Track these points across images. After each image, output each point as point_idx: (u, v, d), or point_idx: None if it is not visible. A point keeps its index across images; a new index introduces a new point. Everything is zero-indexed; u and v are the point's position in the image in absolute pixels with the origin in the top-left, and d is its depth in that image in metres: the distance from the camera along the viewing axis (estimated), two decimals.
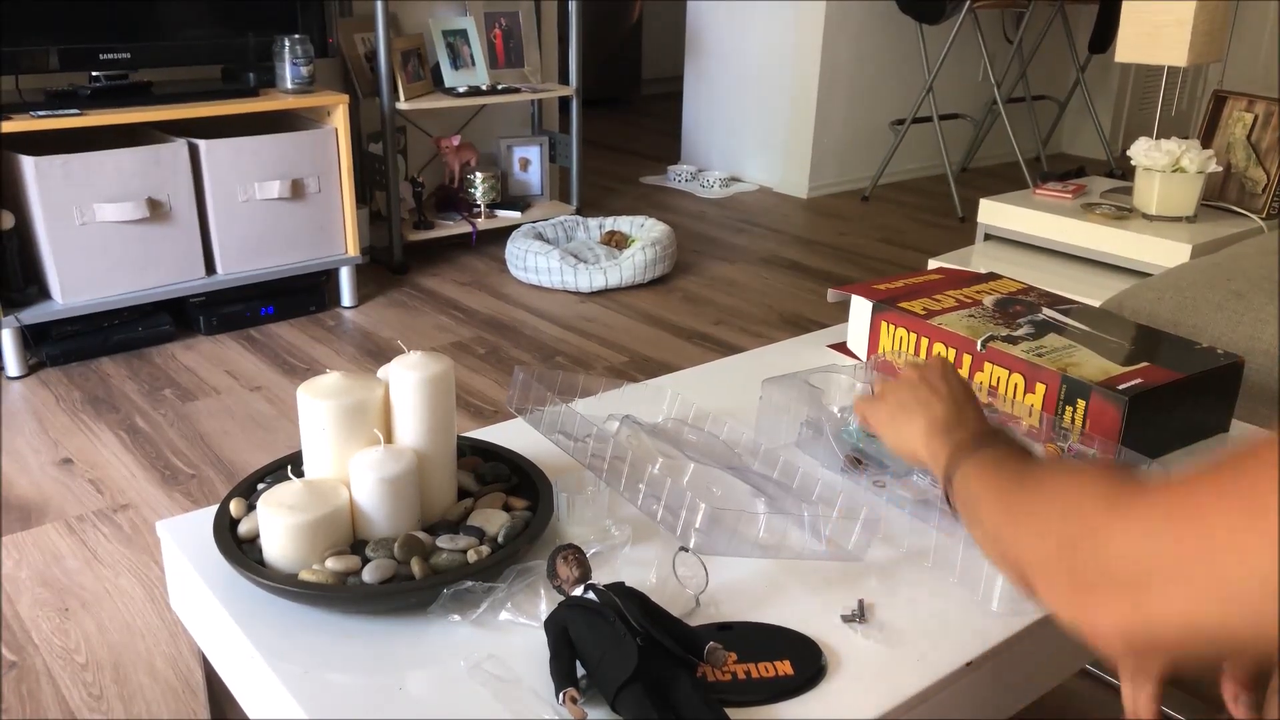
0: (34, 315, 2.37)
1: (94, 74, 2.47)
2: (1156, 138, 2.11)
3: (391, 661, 0.71)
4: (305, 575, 0.74)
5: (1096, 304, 1.45)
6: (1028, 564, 0.58)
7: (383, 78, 2.99)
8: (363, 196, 3.19)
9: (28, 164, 2.28)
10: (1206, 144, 2.20)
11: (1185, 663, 0.73)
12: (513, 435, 0.98)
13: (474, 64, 3.31)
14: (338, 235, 2.79)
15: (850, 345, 1.26)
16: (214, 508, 0.83)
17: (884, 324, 1.18)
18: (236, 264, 2.64)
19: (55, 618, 1.57)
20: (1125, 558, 0.51)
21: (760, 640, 0.72)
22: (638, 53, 6.41)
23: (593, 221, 3.33)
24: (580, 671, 0.67)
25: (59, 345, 2.46)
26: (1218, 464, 0.48)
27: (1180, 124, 4.78)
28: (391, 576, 0.75)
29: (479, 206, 3.39)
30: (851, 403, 1.02)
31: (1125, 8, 2.20)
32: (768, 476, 0.90)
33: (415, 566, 0.75)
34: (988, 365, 1.10)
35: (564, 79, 3.59)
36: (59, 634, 1.53)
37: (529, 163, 3.60)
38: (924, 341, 1.15)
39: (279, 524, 0.75)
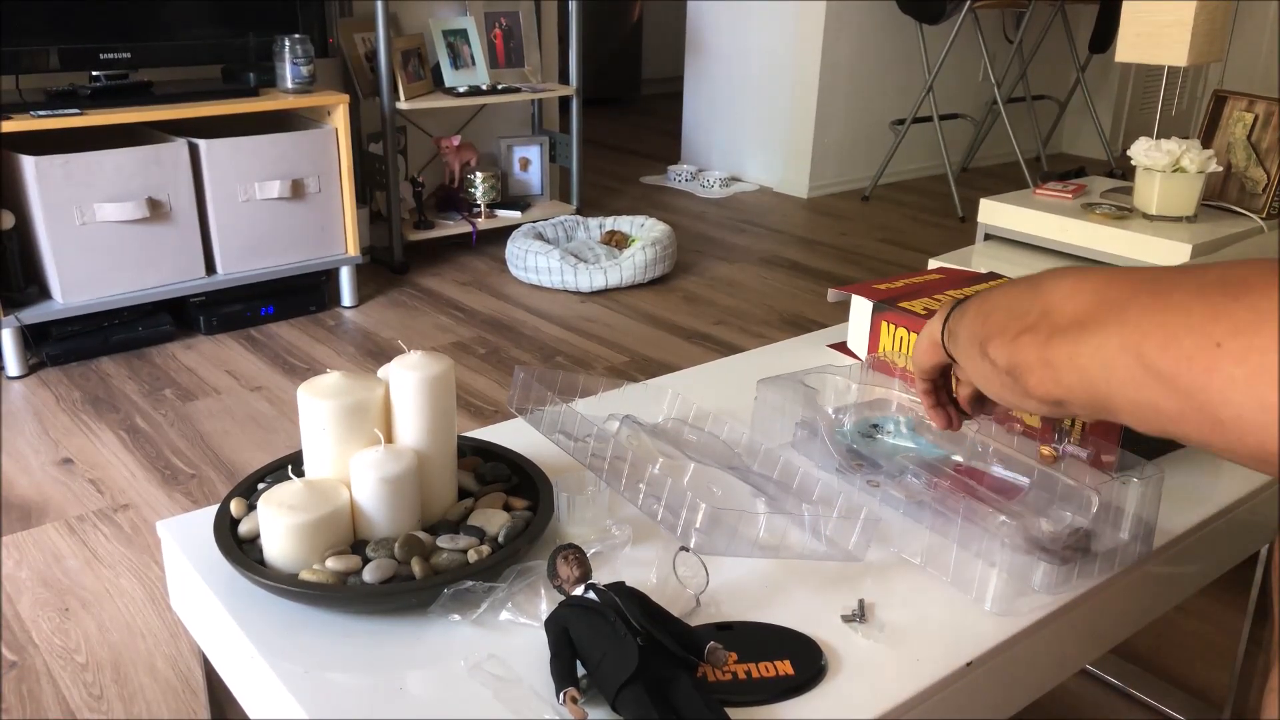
0: (34, 315, 2.37)
1: (94, 74, 2.47)
2: (1156, 138, 2.11)
3: (392, 661, 0.71)
4: (305, 575, 0.74)
5: None
6: (990, 337, 0.64)
7: (383, 78, 2.99)
8: (363, 196, 3.19)
9: (28, 164, 2.28)
10: (1207, 144, 2.20)
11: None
12: (513, 435, 0.98)
13: (474, 64, 3.31)
14: (338, 235, 2.79)
15: (850, 345, 1.26)
16: (214, 508, 0.83)
17: (884, 324, 1.18)
18: (236, 264, 2.64)
19: (55, 618, 1.57)
20: (1058, 307, 0.58)
21: (760, 640, 0.72)
22: (638, 53, 6.42)
23: (593, 221, 3.33)
24: (581, 671, 0.67)
25: (59, 345, 2.46)
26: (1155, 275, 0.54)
27: (1180, 124, 4.78)
28: (392, 576, 0.75)
29: (479, 206, 3.39)
30: (846, 404, 1.02)
31: (1125, 8, 2.20)
32: (768, 476, 0.90)
33: (415, 566, 0.75)
34: None
35: (564, 79, 3.59)
36: (59, 634, 1.53)
37: (529, 162, 3.60)
38: None
39: (279, 524, 0.75)
